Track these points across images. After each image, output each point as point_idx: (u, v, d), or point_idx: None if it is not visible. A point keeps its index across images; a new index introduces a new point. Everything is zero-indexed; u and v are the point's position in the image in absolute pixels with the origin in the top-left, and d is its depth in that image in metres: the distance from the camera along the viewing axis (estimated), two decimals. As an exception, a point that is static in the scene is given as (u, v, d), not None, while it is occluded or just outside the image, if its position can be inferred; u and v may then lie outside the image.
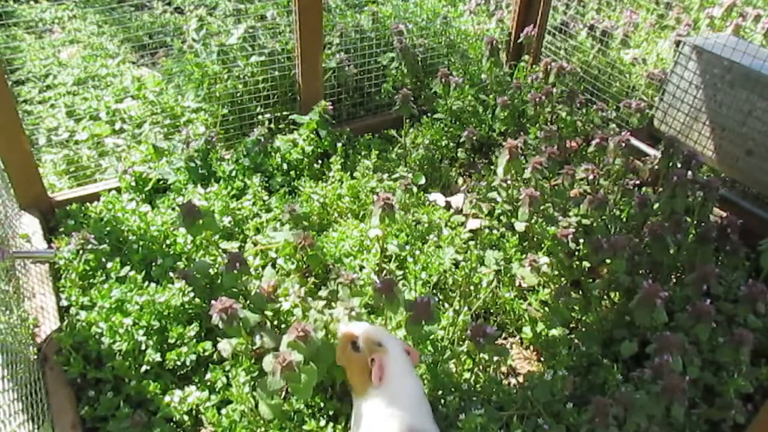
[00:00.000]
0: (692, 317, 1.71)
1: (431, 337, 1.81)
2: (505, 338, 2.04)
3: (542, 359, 1.93)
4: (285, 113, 2.73)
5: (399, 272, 2.10)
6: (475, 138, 2.60)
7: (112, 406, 1.65)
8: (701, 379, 1.72)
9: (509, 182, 2.29)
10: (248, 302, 1.81)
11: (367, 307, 1.92)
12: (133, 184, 2.35)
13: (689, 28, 3.46)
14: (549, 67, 2.77)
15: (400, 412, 1.40)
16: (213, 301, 1.59)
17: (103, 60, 3.44)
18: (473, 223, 2.32)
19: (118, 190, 2.35)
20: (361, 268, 2.07)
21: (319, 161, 2.55)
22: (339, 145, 2.56)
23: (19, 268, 1.99)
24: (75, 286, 1.88)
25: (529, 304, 2.05)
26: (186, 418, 1.66)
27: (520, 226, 2.15)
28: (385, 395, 1.43)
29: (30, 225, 2.18)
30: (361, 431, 1.44)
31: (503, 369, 1.91)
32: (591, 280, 2.07)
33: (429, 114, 2.85)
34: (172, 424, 1.65)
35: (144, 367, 1.70)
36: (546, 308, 1.99)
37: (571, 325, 2.00)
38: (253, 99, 2.74)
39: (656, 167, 2.38)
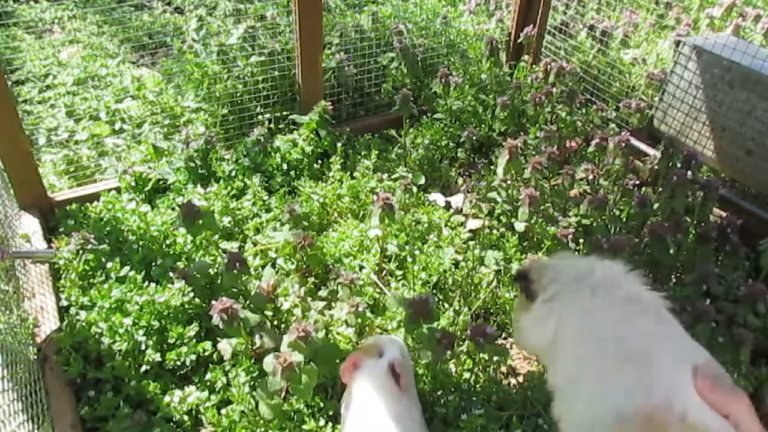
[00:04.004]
0: (692, 317, 1.71)
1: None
2: (505, 338, 2.04)
3: (542, 359, 1.93)
4: (285, 113, 2.73)
5: (399, 272, 2.11)
6: (475, 138, 2.60)
7: (112, 406, 1.64)
8: (701, 379, 1.72)
9: (509, 182, 2.29)
10: (248, 302, 1.81)
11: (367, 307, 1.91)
12: (133, 184, 2.35)
13: (689, 28, 3.46)
14: (549, 67, 2.77)
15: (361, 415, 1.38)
16: (213, 301, 1.59)
17: (103, 60, 3.44)
18: (473, 223, 2.32)
19: (118, 190, 2.35)
20: (361, 268, 2.07)
21: (319, 161, 2.55)
22: (339, 145, 2.56)
23: (19, 268, 1.99)
24: (75, 286, 1.88)
25: (529, 304, 2.04)
26: (186, 418, 1.66)
27: (520, 226, 2.15)
28: (354, 395, 1.43)
29: (30, 225, 2.18)
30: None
31: (503, 369, 1.91)
32: (591, 280, 2.06)
33: (429, 114, 2.85)
34: (172, 424, 1.65)
35: (144, 367, 1.70)
36: (546, 308, 1.99)
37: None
38: (253, 99, 2.74)
39: (656, 167, 2.38)
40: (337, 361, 1.67)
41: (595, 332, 0.94)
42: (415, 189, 2.24)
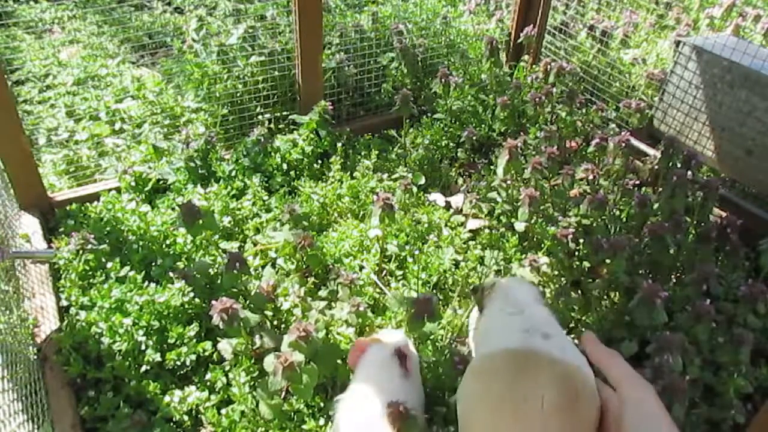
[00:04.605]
0: (692, 317, 1.71)
1: (431, 337, 1.82)
2: (505, 338, 2.04)
3: (542, 359, 1.92)
4: (285, 113, 2.73)
5: (399, 272, 2.11)
6: (475, 138, 2.60)
7: (112, 406, 1.65)
8: (701, 379, 1.72)
9: (509, 182, 2.29)
10: (248, 302, 1.81)
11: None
12: (133, 184, 2.35)
13: (689, 28, 3.46)
14: (549, 67, 2.77)
15: (356, 396, 1.41)
16: (213, 301, 1.59)
17: (103, 60, 3.44)
18: (473, 223, 2.32)
19: (118, 190, 2.35)
20: (361, 268, 2.07)
21: (319, 161, 2.55)
22: (339, 145, 2.56)
23: (19, 268, 1.99)
24: (75, 286, 1.88)
25: (529, 304, 2.04)
26: (186, 418, 1.66)
27: (520, 226, 2.16)
28: (356, 380, 1.46)
29: (30, 225, 2.18)
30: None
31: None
32: (591, 280, 2.07)
33: (429, 114, 2.85)
34: (172, 424, 1.65)
35: (144, 367, 1.70)
36: (546, 308, 1.99)
37: (571, 325, 2.00)
38: (253, 99, 2.74)
39: (656, 167, 2.38)
40: (338, 361, 1.67)
41: (500, 325, 1.38)
42: (415, 189, 2.24)
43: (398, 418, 1.25)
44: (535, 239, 2.20)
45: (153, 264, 1.98)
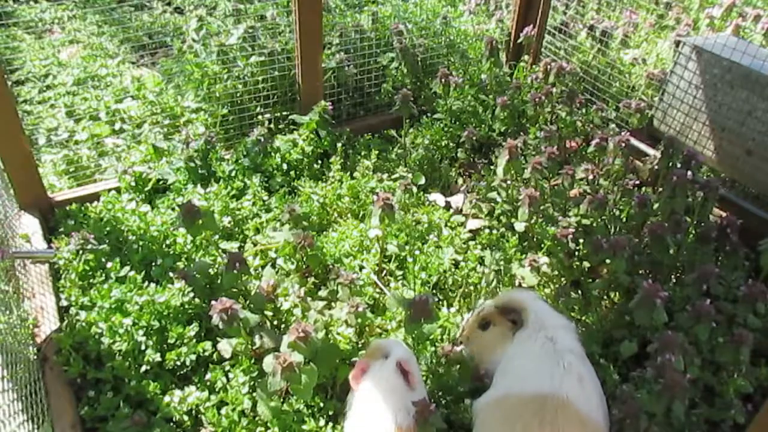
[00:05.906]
0: (692, 317, 1.71)
1: (431, 337, 1.82)
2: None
3: (542, 359, 1.92)
4: (285, 113, 2.73)
5: (399, 272, 2.10)
6: (475, 138, 2.60)
7: (111, 406, 1.65)
8: (701, 379, 1.72)
9: (509, 182, 2.29)
10: (248, 302, 1.81)
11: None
12: (133, 184, 2.35)
13: (689, 28, 3.46)
14: (549, 67, 2.77)
15: (364, 412, 1.44)
16: (213, 302, 1.59)
17: (103, 60, 3.44)
18: (473, 223, 2.32)
19: (118, 190, 2.35)
20: (361, 268, 2.07)
21: (319, 161, 2.55)
22: (339, 145, 2.56)
23: (19, 268, 1.99)
24: (75, 286, 1.88)
25: (529, 304, 2.04)
26: (186, 418, 1.66)
27: (520, 226, 2.16)
28: (360, 394, 1.48)
29: (30, 225, 2.18)
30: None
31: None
32: (591, 280, 2.07)
33: (429, 114, 2.85)
34: (172, 424, 1.65)
35: (144, 367, 1.70)
36: (546, 308, 1.99)
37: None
38: (253, 99, 2.74)
39: (656, 167, 2.38)
40: (337, 361, 1.67)
41: (528, 354, 1.54)
42: (415, 189, 2.24)
43: (427, 415, 1.35)
44: (535, 239, 2.20)
45: (153, 264, 1.98)
